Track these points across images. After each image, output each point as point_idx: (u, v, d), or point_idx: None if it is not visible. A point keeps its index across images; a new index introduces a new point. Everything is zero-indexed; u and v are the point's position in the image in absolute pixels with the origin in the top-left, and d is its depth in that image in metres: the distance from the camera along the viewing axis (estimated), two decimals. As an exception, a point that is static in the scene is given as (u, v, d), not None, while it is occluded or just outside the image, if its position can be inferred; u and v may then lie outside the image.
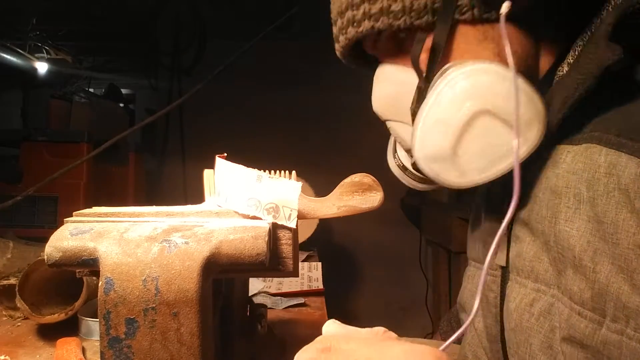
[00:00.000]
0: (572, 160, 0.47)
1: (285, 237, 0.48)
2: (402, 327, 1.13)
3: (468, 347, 0.67)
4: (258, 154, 1.17)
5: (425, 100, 0.48)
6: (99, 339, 0.43)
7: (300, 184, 0.48)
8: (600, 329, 0.44)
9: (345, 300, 2.36)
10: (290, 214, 0.47)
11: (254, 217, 0.47)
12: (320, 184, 0.64)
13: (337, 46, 0.58)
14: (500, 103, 0.46)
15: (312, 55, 2.41)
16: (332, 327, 0.42)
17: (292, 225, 0.47)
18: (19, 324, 0.86)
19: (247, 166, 0.50)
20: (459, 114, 0.46)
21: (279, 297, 1.06)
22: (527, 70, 0.52)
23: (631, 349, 0.42)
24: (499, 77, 0.46)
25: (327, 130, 2.40)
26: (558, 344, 0.48)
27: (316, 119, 2.39)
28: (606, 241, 0.43)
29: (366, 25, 0.52)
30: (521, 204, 0.53)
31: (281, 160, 0.80)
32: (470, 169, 0.48)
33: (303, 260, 1.50)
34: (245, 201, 0.48)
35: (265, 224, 0.46)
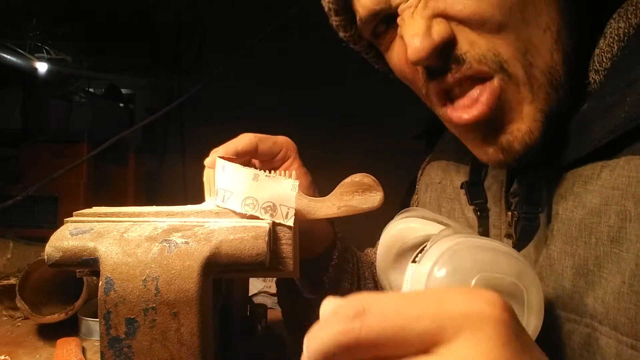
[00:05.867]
0: (611, 175, 0.40)
1: (285, 237, 0.48)
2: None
3: None
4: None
5: None
6: (99, 339, 0.43)
7: (297, 181, 0.48)
8: None
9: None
10: (287, 212, 0.47)
11: (252, 217, 0.47)
12: (320, 184, 0.64)
13: None
14: None
15: (312, 55, 2.41)
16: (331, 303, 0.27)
17: (290, 223, 0.47)
18: (19, 324, 0.86)
19: (248, 167, 0.50)
20: None
21: (279, 297, 1.06)
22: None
23: None
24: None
25: (327, 130, 2.40)
26: None
27: (316, 119, 2.39)
28: None
29: None
30: (534, 226, 0.47)
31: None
32: None
33: (303, 260, 1.50)
34: (242, 200, 0.48)
35: (265, 224, 0.46)
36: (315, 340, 0.24)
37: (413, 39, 0.42)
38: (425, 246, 0.41)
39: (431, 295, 0.25)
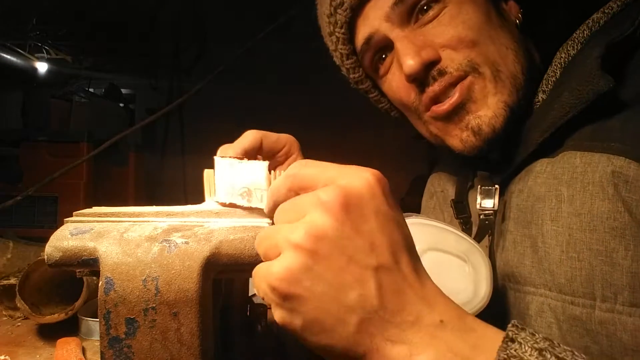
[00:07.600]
0: (552, 168, 0.52)
1: (285, 237, 0.48)
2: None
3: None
4: (258, 154, 1.16)
5: None
6: (99, 339, 0.43)
7: (267, 162, 0.48)
8: (594, 311, 0.47)
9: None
10: (262, 196, 0.48)
11: (231, 204, 0.48)
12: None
13: None
14: None
15: (312, 55, 2.41)
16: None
17: (264, 206, 0.48)
18: (19, 324, 0.86)
19: None
20: None
21: (279, 297, 1.05)
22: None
23: (622, 323, 0.46)
24: None
25: (327, 130, 2.40)
26: (557, 337, 0.50)
27: (316, 119, 2.39)
28: (584, 230, 0.48)
29: None
30: (503, 217, 0.58)
31: (281, 160, 0.80)
32: None
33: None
34: (223, 190, 0.49)
35: (264, 224, 0.46)
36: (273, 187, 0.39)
37: (406, 58, 0.56)
38: None
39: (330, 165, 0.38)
